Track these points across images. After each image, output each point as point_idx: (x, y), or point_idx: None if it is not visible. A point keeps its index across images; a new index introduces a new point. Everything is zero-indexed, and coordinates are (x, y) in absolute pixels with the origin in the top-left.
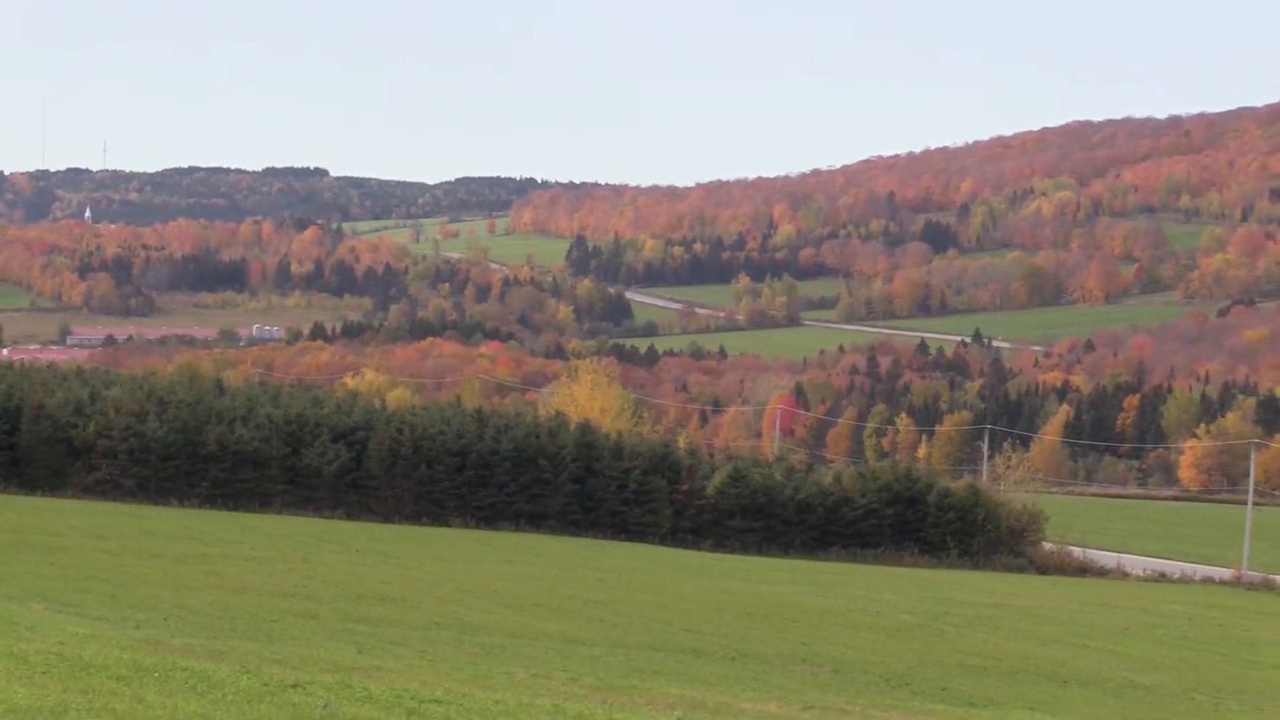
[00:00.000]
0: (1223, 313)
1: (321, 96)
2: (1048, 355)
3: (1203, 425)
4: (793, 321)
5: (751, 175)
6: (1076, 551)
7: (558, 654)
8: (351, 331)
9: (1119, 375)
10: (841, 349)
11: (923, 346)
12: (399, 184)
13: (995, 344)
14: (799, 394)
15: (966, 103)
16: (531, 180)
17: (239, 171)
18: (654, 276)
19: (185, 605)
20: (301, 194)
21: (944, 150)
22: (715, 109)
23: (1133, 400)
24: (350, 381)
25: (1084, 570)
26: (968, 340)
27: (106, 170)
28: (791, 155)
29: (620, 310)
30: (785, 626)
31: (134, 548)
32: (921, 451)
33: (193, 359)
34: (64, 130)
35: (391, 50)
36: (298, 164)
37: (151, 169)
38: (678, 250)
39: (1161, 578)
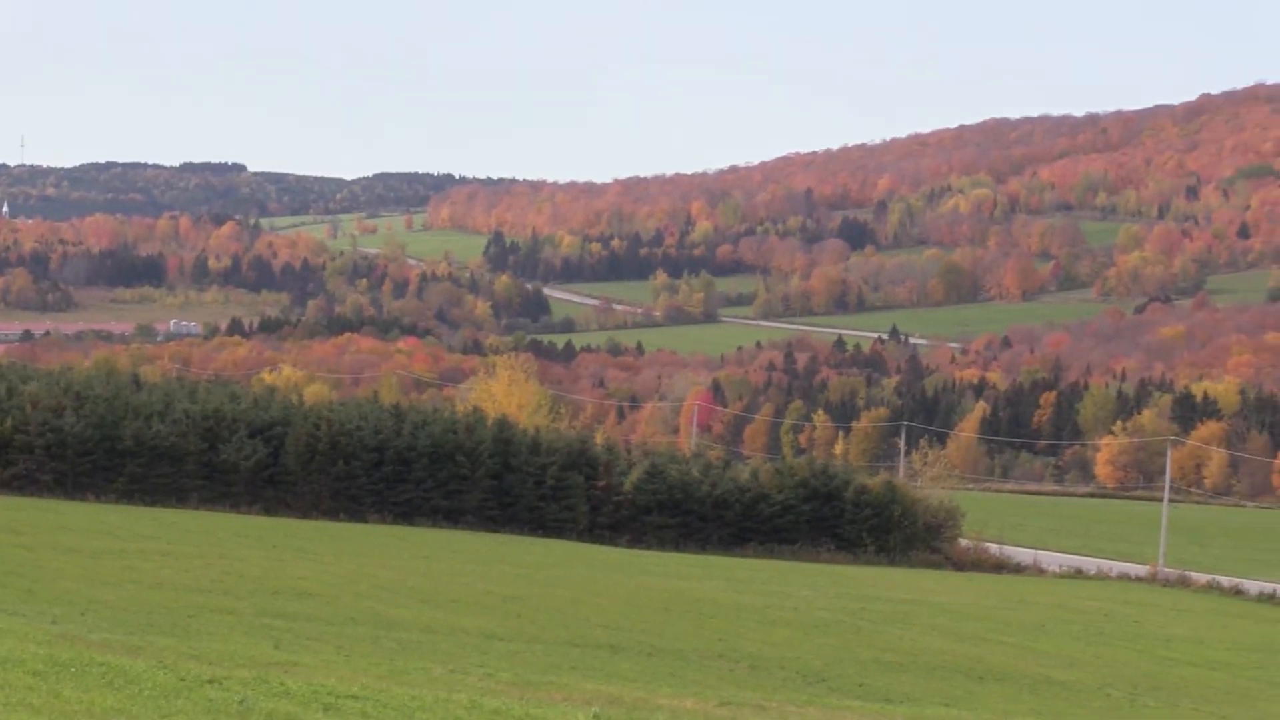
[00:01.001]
0: (1139, 310)
1: (239, 92)
2: (964, 352)
3: (1119, 422)
4: (710, 318)
5: (669, 172)
6: (993, 548)
7: (475, 650)
8: (269, 327)
9: (1036, 372)
10: (759, 345)
11: (840, 343)
12: (317, 179)
13: (912, 341)
14: (716, 390)
15: (884, 100)
16: (449, 176)
17: (156, 167)
18: (572, 273)
19: (102, 600)
20: (219, 189)
21: (861, 147)
22: (633, 105)
23: (1049, 397)
24: (268, 377)
25: (1000, 567)
26: (885, 337)
27: (24, 165)
28: (709, 152)
29: (538, 306)
30: (702, 622)
31: (50, 543)
32: (839, 448)
33: (110, 354)
34: None
35: (309, 46)
36: (215, 159)
37: (68, 164)
38: (595, 246)
39: (1078, 574)
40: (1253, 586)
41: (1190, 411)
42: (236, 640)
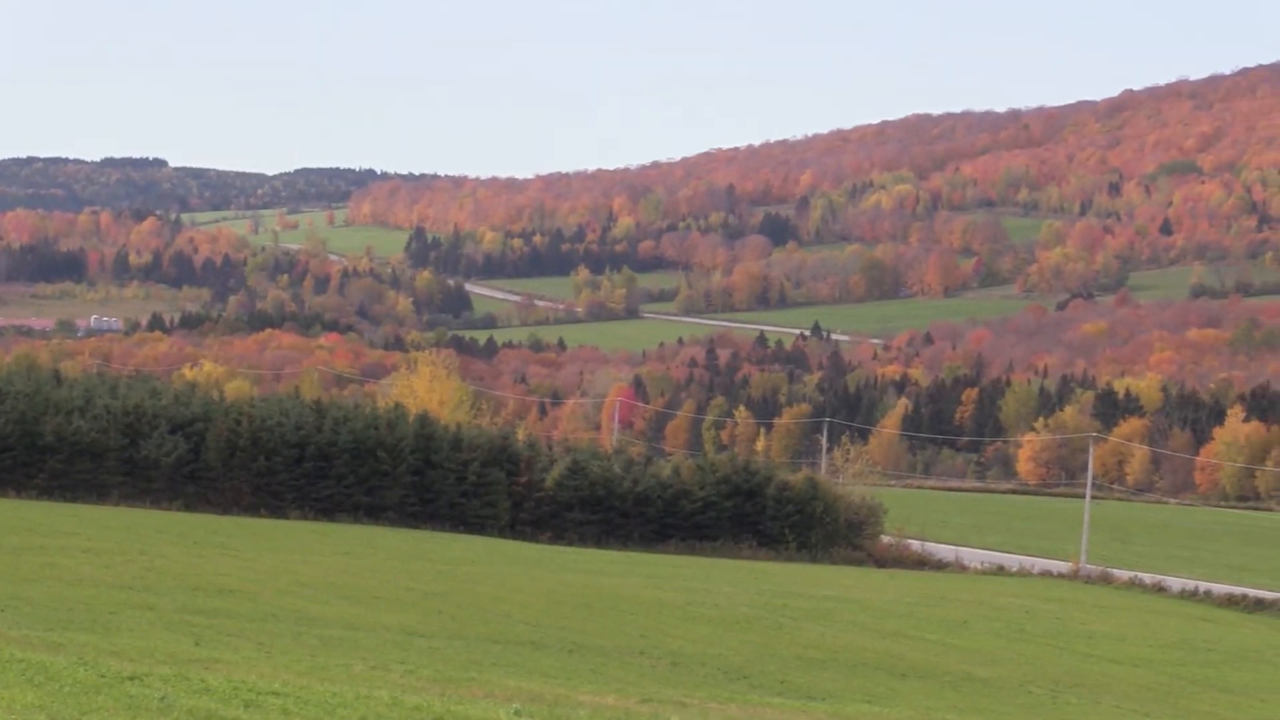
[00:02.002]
0: (1061, 306)
1: (160, 86)
2: (886, 348)
3: (1041, 419)
4: (632, 314)
5: (591, 167)
6: (915, 544)
7: (396, 646)
8: (190, 323)
9: (957, 368)
10: (680, 341)
11: (762, 339)
12: (238, 175)
13: (834, 337)
14: (638, 386)
15: (806, 96)
16: (371, 171)
17: (77, 162)
18: (493, 268)
19: (22, 597)
20: (140, 184)
21: (783, 143)
22: (555, 100)
23: (971, 393)
24: (188, 373)
25: (922, 563)
26: (807, 333)
27: None
28: (631, 147)
29: (459, 302)
30: (623, 619)
31: None
32: (760, 444)
33: (30, 349)
34: None
35: (230, 40)
36: (136, 154)
37: None
38: (517, 242)
39: (1000, 571)
40: (1174, 583)
41: (1112, 408)
42: (157, 637)
